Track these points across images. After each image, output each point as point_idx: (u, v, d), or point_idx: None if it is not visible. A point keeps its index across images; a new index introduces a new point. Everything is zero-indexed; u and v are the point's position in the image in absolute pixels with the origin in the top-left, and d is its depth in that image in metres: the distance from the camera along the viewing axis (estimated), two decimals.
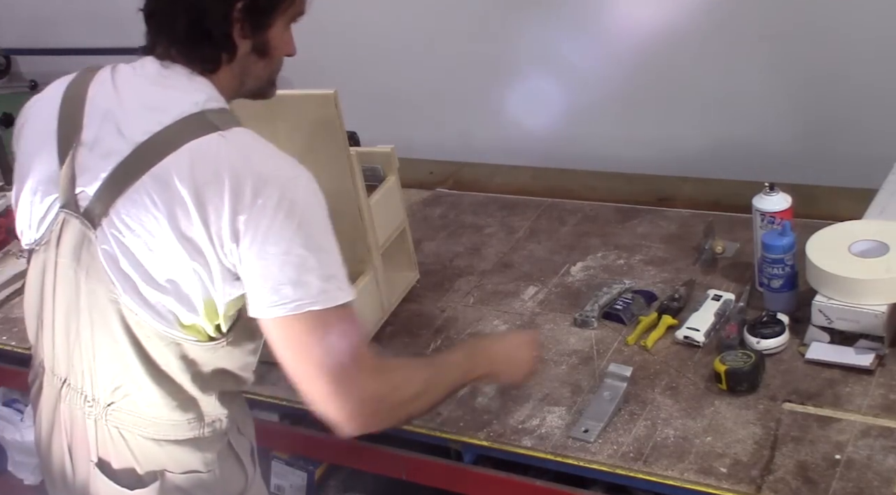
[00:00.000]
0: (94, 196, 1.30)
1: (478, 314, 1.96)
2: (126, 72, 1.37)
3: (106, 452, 1.40)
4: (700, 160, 2.45)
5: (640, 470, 1.51)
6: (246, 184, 1.24)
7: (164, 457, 1.39)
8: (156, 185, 1.26)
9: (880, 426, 1.51)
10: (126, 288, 1.30)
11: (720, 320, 1.78)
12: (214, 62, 1.34)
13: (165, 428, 1.38)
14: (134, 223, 1.27)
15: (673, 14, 2.36)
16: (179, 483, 1.40)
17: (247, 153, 1.28)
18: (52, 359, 1.42)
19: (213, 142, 1.27)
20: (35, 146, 1.39)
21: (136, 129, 1.29)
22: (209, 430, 1.41)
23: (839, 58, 2.23)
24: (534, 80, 2.60)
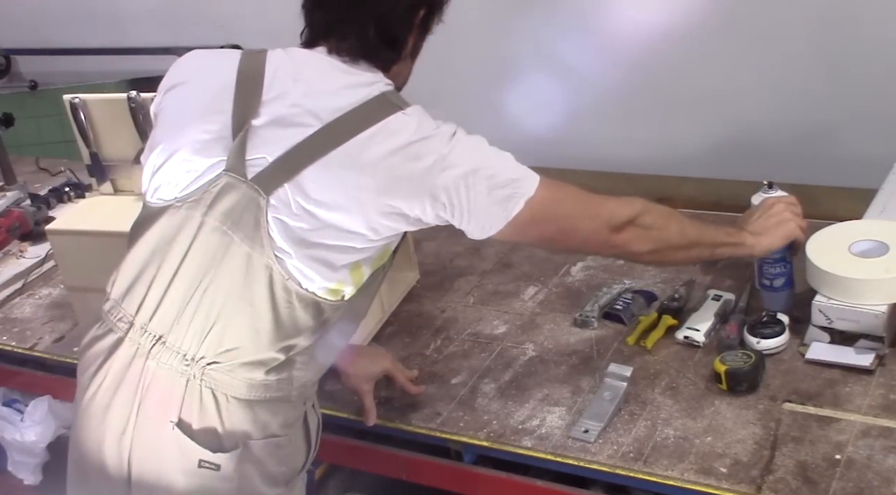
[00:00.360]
0: (273, 165, 1.38)
1: (478, 314, 1.96)
2: (301, 55, 1.47)
3: (189, 413, 1.40)
4: (700, 160, 2.45)
5: (640, 470, 1.51)
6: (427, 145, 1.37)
7: (248, 420, 1.42)
8: (347, 160, 1.36)
9: (880, 426, 1.51)
10: (294, 254, 1.38)
11: (720, 320, 1.78)
12: (389, 63, 1.47)
13: (258, 389, 1.42)
14: (320, 193, 1.36)
15: (672, 14, 2.36)
16: (257, 450, 1.43)
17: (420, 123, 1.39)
18: (151, 316, 1.43)
19: (399, 119, 1.39)
20: (199, 108, 1.46)
21: (325, 108, 1.38)
22: (296, 393, 1.47)
23: (839, 58, 2.23)
24: (534, 80, 2.60)
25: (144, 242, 1.45)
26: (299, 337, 1.42)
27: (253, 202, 1.37)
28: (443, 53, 2.76)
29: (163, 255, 1.43)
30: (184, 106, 1.48)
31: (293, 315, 1.40)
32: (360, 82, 1.42)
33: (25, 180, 2.80)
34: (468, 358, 1.84)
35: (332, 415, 1.78)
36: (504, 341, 1.87)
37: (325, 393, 1.81)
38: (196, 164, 1.42)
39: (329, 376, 1.82)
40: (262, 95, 1.42)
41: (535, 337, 1.86)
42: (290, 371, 1.44)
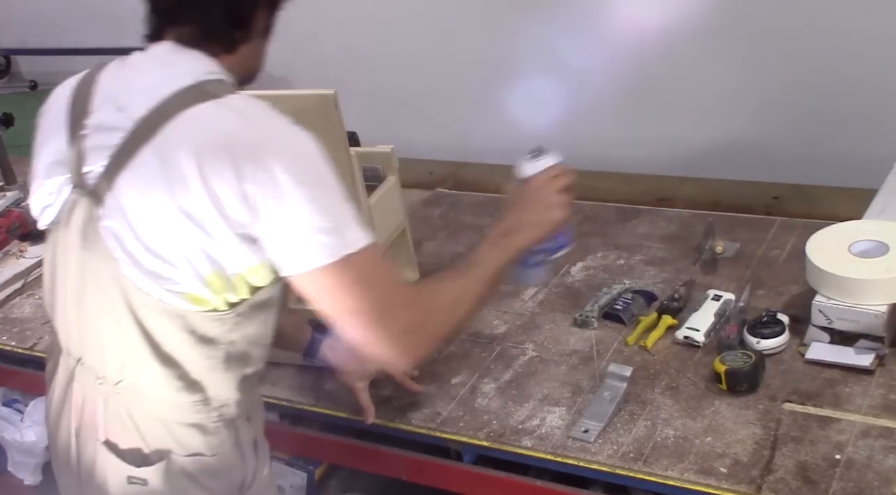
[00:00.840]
0: (101, 174, 1.32)
1: (477, 314, 1.96)
2: (134, 57, 1.40)
3: (114, 431, 1.40)
4: (700, 160, 2.45)
5: (640, 470, 1.51)
6: (247, 147, 1.24)
7: (169, 438, 1.40)
8: (154, 157, 1.27)
9: (880, 426, 1.51)
10: (131, 262, 1.31)
11: (720, 320, 1.78)
12: (235, 43, 1.38)
13: (171, 409, 1.39)
14: (136, 196, 1.29)
15: (672, 14, 2.36)
16: (184, 465, 1.41)
17: (244, 116, 1.28)
18: (67, 339, 1.44)
19: (210, 109, 1.28)
20: (48, 132, 1.42)
21: (136, 106, 1.31)
22: (216, 415, 1.42)
23: (839, 58, 2.23)
24: (534, 80, 2.60)
25: (45, 268, 1.46)
26: (184, 352, 1.36)
27: (93, 215, 1.33)
28: (443, 53, 2.77)
29: (55, 279, 1.43)
30: (40, 135, 1.45)
31: (163, 327, 1.34)
32: (175, 74, 1.32)
33: (25, 180, 2.80)
34: (468, 358, 1.84)
35: (332, 415, 1.78)
36: (504, 341, 1.87)
37: (324, 393, 1.81)
38: (52, 186, 1.39)
39: (329, 375, 1.83)
40: (90, 106, 1.37)
41: (535, 337, 1.86)
42: (200, 391, 1.39)
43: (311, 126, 1.77)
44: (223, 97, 1.30)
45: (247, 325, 1.38)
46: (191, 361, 1.37)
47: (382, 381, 1.77)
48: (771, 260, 1.97)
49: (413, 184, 2.45)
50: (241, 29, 1.38)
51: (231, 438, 1.45)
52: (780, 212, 2.16)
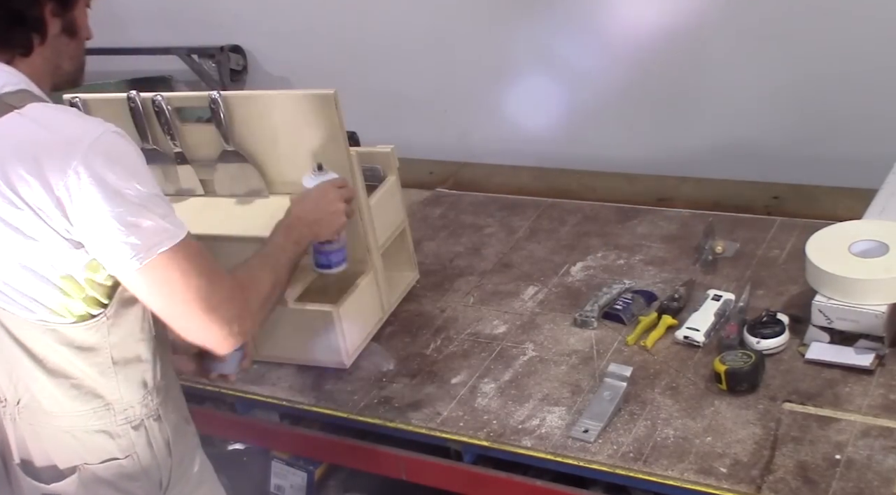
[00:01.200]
0: None
1: (478, 314, 1.96)
2: None
3: (26, 450, 1.41)
4: (700, 160, 2.45)
5: (640, 470, 1.51)
6: (51, 153, 1.22)
7: (79, 449, 1.40)
8: None
9: (880, 426, 1.51)
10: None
11: (720, 320, 1.78)
12: (27, 45, 1.33)
13: (73, 420, 1.38)
14: None
15: (673, 15, 2.36)
16: (98, 473, 1.40)
17: (46, 124, 1.26)
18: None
19: (10, 121, 1.25)
20: None
21: None
22: (121, 418, 1.40)
23: (839, 58, 2.23)
24: (534, 80, 2.60)
25: None
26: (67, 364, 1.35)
27: None
28: (443, 53, 2.76)
29: None
30: None
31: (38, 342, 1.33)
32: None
33: None
34: (468, 358, 1.84)
35: (332, 415, 1.78)
36: (504, 341, 1.87)
37: (324, 393, 1.81)
38: None
39: (332, 377, 1.83)
40: None
41: (535, 337, 1.86)
42: (98, 397, 1.38)
43: (311, 126, 1.79)
44: (23, 107, 1.27)
45: (122, 324, 1.37)
46: (79, 371, 1.36)
47: (383, 382, 1.77)
48: (771, 260, 1.97)
49: (413, 184, 2.45)
50: (28, 29, 1.32)
51: (142, 439, 1.43)
52: (780, 212, 2.16)
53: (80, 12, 1.39)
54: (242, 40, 3.17)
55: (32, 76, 1.34)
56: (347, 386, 1.81)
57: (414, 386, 1.78)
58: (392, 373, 1.82)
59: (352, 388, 1.80)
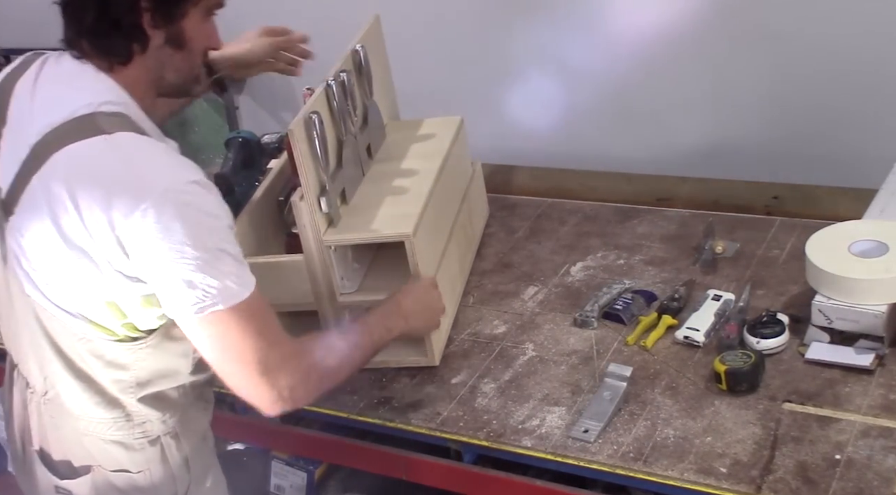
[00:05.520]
0: (7, 193, 1.31)
1: (478, 314, 1.96)
2: (48, 66, 1.36)
3: (46, 441, 1.42)
4: (700, 160, 2.45)
5: (640, 470, 1.51)
6: (124, 190, 1.21)
7: (94, 452, 1.40)
8: (40, 188, 1.25)
9: (880, 426, 1.51)
10: (32, 284, 1.31)
11: (720, 320, 1.78)
12: (125, 54, 1.32)
13: (92, 425, 1.39)
14: (27, 225, 1.28)
15: (672, 14, 2.35)
16: (111, 479, 1.40)
17: (128, 158, 1.24)
18: (7, 343, 1.46)
19: (94, 145, 1.24)
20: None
21: (34, 130, 1.28)
22: (139, 432, 1.40)
23: (839, 57, 2.22)
24: (533, 80, 2.60)
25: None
26: (94, 372, 1.35)
27: (3, 228, 1.33)
28: (443, 53, 2.76)
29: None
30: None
31: (71, 347, 1.34)
32: (75, 98, 1.28)
33: None
34: (468, 358, 1.83)
35: (332, 415, 1.78)
36: (504, 341, 1.87)
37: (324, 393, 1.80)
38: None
39: None
40: (7, 112, 1.35)
41: (535, 337, 1.86)
42: (120, 407, 1.38)
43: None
44: (112, 133, 1.25)
45: (160, 356, 1.36)
46: (104, 381, 1.36)
47: (383, 381, 1.77)
48: (771, 260, 1.97)
49: None
50: (126, 37, 1.31)
51: (157, 455, 1.43)
52: (780, 212, 2.15)
53: (192, 24, 1.36)
54: None
55: (132, 86, 1.32)
56: (347, 387, 1.81)
57: (414, 386, 1.78)
58: (392, 373, 1.82)
59: (352, 388, 1.80)
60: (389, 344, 1.60)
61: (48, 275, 1.29)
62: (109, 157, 1.23)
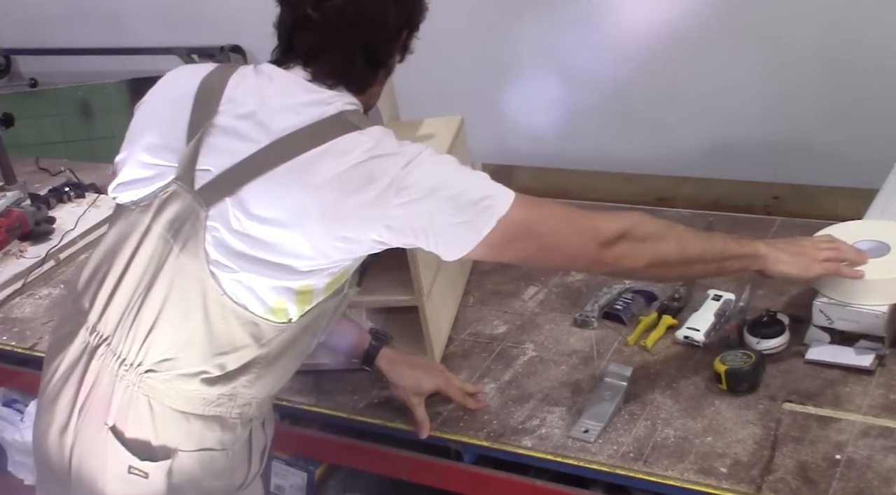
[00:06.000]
0: (219, 177, 1.35)
1: (478, 314, 1.96)
2: (267, 72, 1.42)
3: (124, 418, 1.40)
4: (700, 160, 2.45)
5: (640, 470, 1.51)
6: (389, 174, 1.31)
7: (184, 431, 1.41)
8: (291, 178, 1.31)
9: (880, 426, 1.51)
10: (227, 268, 1.34)
11: (720, 320, 1.78)
12: (368, 85, 1.44)
13: (195, 402, 1.40)
14: (261, 209, 1.32)
15: (672, 14, 2.36)
16: (189, 462, 1.41)
17: (385, 146, 1.34)
18: (100, 317, 1.44)
19: (354, 139, 1.33)
20: (160, 114, 1.45)
21: (277, 124, 1.35)
22: (237, 412, 1.44)
23: (839, 58, 2.23)
24: (534, 80, 2.60)
25: (104, 242, 1.47)
26: (236, 353, 1.39)
27: (194, 213, 1.35)
28: (443, 53, 2.76)
29: (114, 257, 1.43)
30: (149, 112, 1.47)
31: (229, 330, 1.37)
32: (319, 100, 1.37)
33: (25, 180, 2.80)
34: (468, 358, 1.84)
35: (332, 415, 1.78)
36: (504, 341, 1.87)
37: (324, 393, 1.81)
38: (149, 170, 1.41)
39: (332, 377, 1.83)
40: (220, 106, 1.39)
41: (535, 337, 1.86)
42: (231, 386, 1.41)
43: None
44: (365, 129, 1.35)
45: (294, 333, 1.42)
46: (235, 356, 1.39)
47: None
48: None
49: None
50: (375, 72, 1.43)
51: (245, 437, 1.47)
52: (780, 212, 2.16)
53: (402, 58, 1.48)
54: (242, 40, 3.17)
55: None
56: (347, 387, 1.81)
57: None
58: None
59: (352, 388, 1.80)
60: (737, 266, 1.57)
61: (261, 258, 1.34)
62: (365, 144, 1.33)
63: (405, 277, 1.73)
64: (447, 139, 2.03)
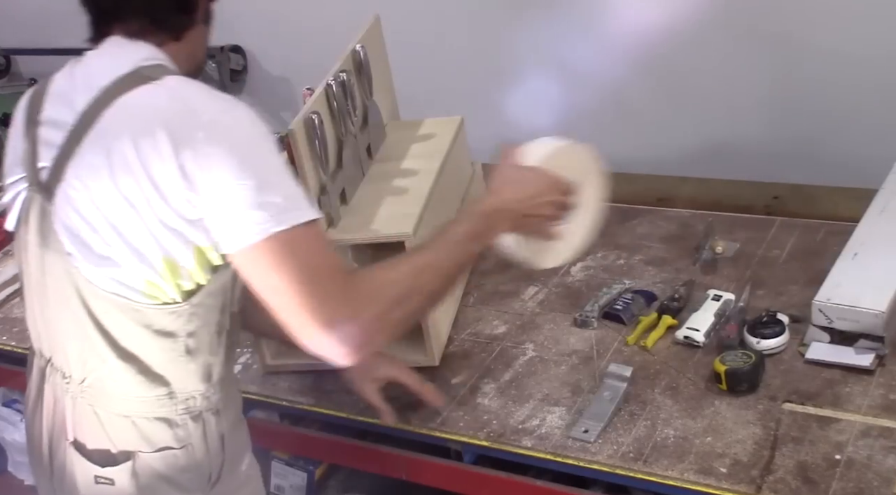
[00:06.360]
0: (52, 168, 1.34)
1: (478, 314, 1.96)
2: (85, 55, 1.41)
3: (82, 431, 1.41)
4: (700, 160, 2.45)
5: (640, 470, 1.51)
6: (184, 125, 1.24)
7: (136, 435, 1.40)
8: (96, 146, 1.28)
9: (880, 426, 1.51)
10: (83, 255, 1.32)
11: (720, 320, 1.78)
12: (182, 28, 1.38)
13: (135, 405, 1.39)
14: (82, 185, 1.29)
15: (673, 14, 2.35)
16: (151, 462, 1.41)
17: (181, 96, 1.28)
18: (37, 339, 1.46)
19: (146, 92, 1.28)
20: (10, 136, 1.45)
21: (80, 99, 1.32)
22: (182, 408, 1.41)
23: (839, 58, 2.23)
24: (533, 80, 2.60)
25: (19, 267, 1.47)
26: (141, 347, 1.36)
27: (45, 211, 1.34)
28: (443, 54, 2.76)
29: (23, 280, 1.45)
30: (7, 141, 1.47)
31: (118, 323, 1.34)
32: (118, 63, 1.32)
33: None
34: (468, 358, 1.84)
35: (332, 415, 1.78)
36: (504, 341, 1.87)
37: (324, 393, 1.81)
38: (13, 189, 1.41)
39: (332, 377, 1.83)
40: (43, 104, 1.39)
41: (535, 337, 1.86)
42: (164, 383, 1.39)
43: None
44: (160, 79, 1.30)
45: (202, 315, 1.37)
46: (151, 355, 1.37)
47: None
48: (771, 260, 1.97)
49: None
50: (187, 13, 1.38)
51: (199, 431, 1.44)
52: (780, 212, 2.15)
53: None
54: (242, 40, 3.17)
55: (176, 59, 1.38)
56: (347, 386, 1.81)
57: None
58: None
59: (352, 388, 1.80)
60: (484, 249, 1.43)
61: (104, 242, 1.29)
62: (160, 98, 1.27)
63: None
64: (447, 139, 2.03)
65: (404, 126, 2.14)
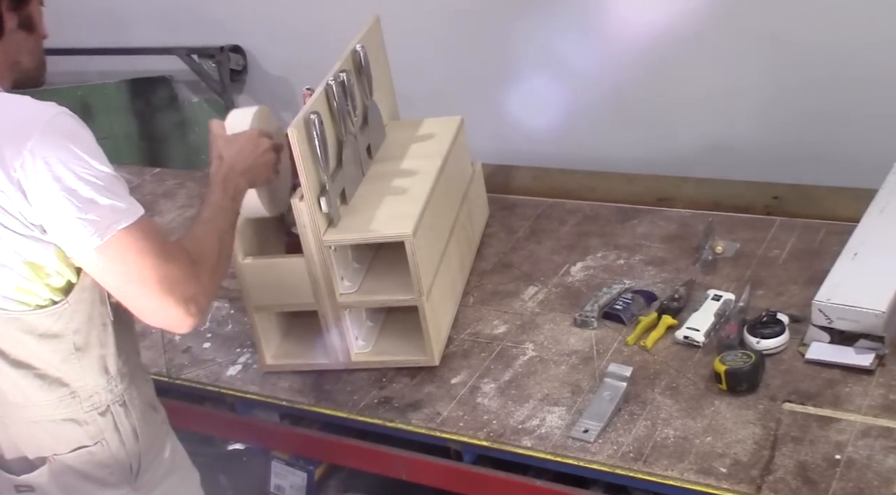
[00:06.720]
0: None
1: (478, 314, 1.96)
2: None
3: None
4: (700, 160, 2.45)
5: (640, 470, 1.51)
6: (8, 136, 1.26)
7: (48, 439, 1.40)
8: None
9: (880, 426, 1.51)
10: None
11: (720, 320, 1.78)
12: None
13: (40, 410, 1.39)
14: None
15: (673, 15, 2.36)
16: (69, 462, 1.41)
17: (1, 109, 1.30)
18: None
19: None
20: None
21: None
22: (88, 405, 1.41)
23: (839, 58, 2.23)
24: (534, 80, 2.60)
25: None
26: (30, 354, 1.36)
27: None
28: (443, 53, 2.76)
29: None
30: None
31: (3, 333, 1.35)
32: None
33: None
34: (468, 358, 1.84)
35: (332, 415, 1.78)
36: (504, 341, 1.87)
37: (324, 393, 1.81)
38: None
39: (332, 377, 1.83)
40: None
41: (535, 337, 1.86)
42: (64, 386, 1.39)
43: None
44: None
45: (82, 310, 1.38)
46: (42, 360, 1.37)
47: (383, 381, 1.77)
48: (771, 260, 1.97)
49: None
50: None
51: (110, 425, 1.44)
52: (780, 212, 2.15)
53: (36, 9, 1.42)
54: (242, 40, 3.17)
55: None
56: (347, 387, 1.81)
57: (414, 386, 1.78)
58: (392, 373, 1.82)
59: (352, 388, 1.80)
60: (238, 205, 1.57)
61: None
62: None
63: (405, 277, 1.73)
64: (447, 139, 2.03)
65: (404, 126, 2.14)
